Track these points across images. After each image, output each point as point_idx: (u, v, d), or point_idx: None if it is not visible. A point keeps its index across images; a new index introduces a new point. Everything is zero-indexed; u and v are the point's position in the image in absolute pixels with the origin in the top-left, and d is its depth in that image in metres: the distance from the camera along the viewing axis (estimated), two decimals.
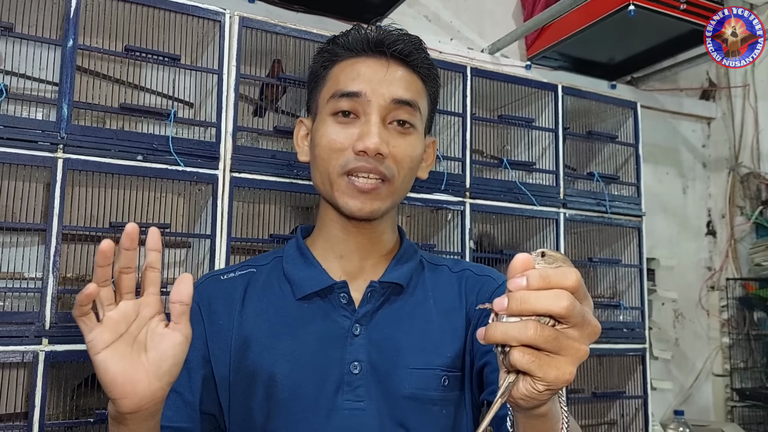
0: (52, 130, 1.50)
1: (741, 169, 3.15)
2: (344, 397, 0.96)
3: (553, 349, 0.60)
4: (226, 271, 1.08)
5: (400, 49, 1.01)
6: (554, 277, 0.60)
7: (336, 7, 2.19)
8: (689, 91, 3.20)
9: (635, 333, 2.25)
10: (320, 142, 1.02)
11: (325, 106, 1.03)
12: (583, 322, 0.61)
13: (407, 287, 1.05)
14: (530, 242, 2.19)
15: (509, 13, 2.68)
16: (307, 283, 1.02)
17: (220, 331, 1.00)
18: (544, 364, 0.60)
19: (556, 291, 0.59)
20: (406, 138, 1.02)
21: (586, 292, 0.63)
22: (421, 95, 1.05)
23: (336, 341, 0.98)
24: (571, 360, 0.61)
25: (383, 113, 1.00)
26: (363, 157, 0.98)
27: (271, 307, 1.02)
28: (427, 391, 0.98)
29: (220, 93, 1.69)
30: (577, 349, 0.61)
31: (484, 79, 2.09)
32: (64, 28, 1.55)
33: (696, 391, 3.01)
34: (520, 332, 0.59)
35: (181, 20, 1.71)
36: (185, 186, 1.69)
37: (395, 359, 0.98)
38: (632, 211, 2.30)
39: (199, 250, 1.71)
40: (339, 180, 1.00)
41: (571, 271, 0.61)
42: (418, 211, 2.03)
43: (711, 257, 3.17)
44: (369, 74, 1.01)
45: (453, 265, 1.12)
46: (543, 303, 0.59)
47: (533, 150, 2.21)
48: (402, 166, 1.02)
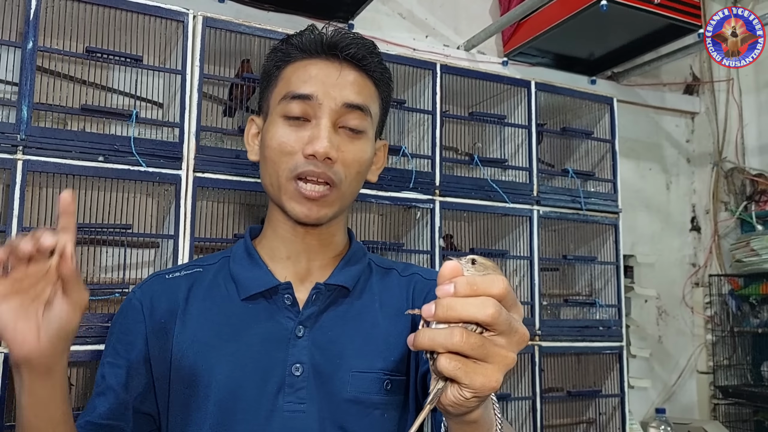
0: (12, 131, 1.50)
1: (725, 165, 3.13)
2: (285, 399, 0.96)
3: (479, 356, 0.61)
4: (172, 271, 1.08)
5: (353, 52, 1.01)
6: (481, 285, 0.61)
7: (307, 5, 2.18)
8: (672, 85, 3.18)
9: (611, 331, 2.24)
10: (270, 143, 1.02)
11: (276, 106, 1.03)
12: (510, 330, 0.62)
13: (354, 290, 1.05)
14: (504, 240, 2.18)
15: (486, 9, 2.67)
16: (252, 283, 1.02)
17: (161, 330, 1.00)
18: (470, 371, 0.61)
19: (482, 298, 0.60)
20: (355, 143, 1.02)
21: (515, 299, 0.64)
22: (373, 99, 1.06)
23: (279, 343, 0.98)
24: (498, 367, 0.62)
25: (334, 117, 1.00)
26: (312, 160, 0.98)
27: (215, 307, 1.02)
28: (369, 395, 0.98)
29: (183, 93, 1.69)
30: (504, 356, 0.62)
31: (457, 77, 2.08)
32: (24, 29, 1.55)
33: (679, 389, 2.99)
34: (446, 339, 0.60)
35: (145, 21, 1.70)
36: (153, 186, 1.69)
37: (338, 362, 0.98)
38: (608, 207, 2.29)
39: (164, 250, 1.71)
40: (287, 184, 1.00)
41: (499, 279, 0.62)
42: (390, 210, 2.02)
43: (695, 253, 3.16)
44: (321, 77, 1.01)
45: (402, 269, 1.12)
46: (469, 310, 0.60)
47: (507, 147, 2.20)
48: (351, 170, 1.02)
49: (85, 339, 1.49)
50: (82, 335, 1.49)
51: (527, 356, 2.05)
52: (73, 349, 1.47)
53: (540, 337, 2.07)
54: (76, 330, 0.78)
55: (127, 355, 1.00)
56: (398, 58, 1.96)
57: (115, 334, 1.02)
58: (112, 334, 1.03)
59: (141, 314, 1.02)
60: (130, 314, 1.03)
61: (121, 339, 1.01)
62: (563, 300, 2.27)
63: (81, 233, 1.59)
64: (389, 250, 1.90)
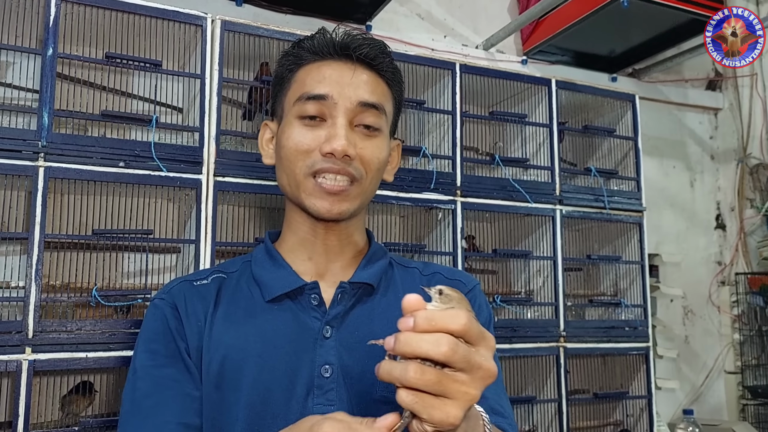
0: (33, 138, 1.50)
1: (750, 161, 3.08)
2: (315, 401, 0.94)
3: (437, 392, 0.61)
4: (197, 278, 1.07)
5: (366, 52, 1.01)
6: (440, 320, 0.61)
7: (325, 7, 2.18)
8: (695, 81, 3.13)
9: (638, 332, 2.20)
10: (286, 144, 1.01)
11: (291, 109, 1.03)
12: (470, 366, 0.61)
13: (378, 288, 1.04)
14: (527, 240, 2.16)
15: (504, 8, 2.64)
16: (277, 284, 1.01)
17: (195, 332, 0.99)
18: (428, 405, 0.61)
19: (437, 335, 0.60)
20: (372, 140, 1.02)
21: (480, 334, 0.63)
22: (387, 98, 1.06)
23: (306, 344, 0.97)
24: (459, 403, 0.62)
25: (350, 116, 1.00)
26: (330, 158, 0.97)
27: (240, 311, 1.01)
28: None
29: (203, 97, 1.68)
30: (464, 393, 0.62)
31: (477, 76, 2.06)
32: (44, 36, 1.55)
33: (707, 389, 2.94)
34: (401, 374, 0.61)
35: (164, 26, 1.70)
36: (173, 191, 1.68)
37: (366, 362, 0.97)
38: (632, 206, 2.26)
39: (186, 255, 1.70)
40: (305, 181, 1.00)
41: (460, 314, 0.61)
42: (412, 212, 2.00)
43: (721, 252, 3.10)
44: (335, 77, 1.00)
45: (423, 268, 1.12)
46: (422, 347, 0.60)
47: (528, 146, 2.18)
48: (370, 167, 1.02)
49: (109, 345, 1.49)
50: (106, 341, 1.49)
51: (552, 358, 2.02)
52: (96, 356, 1.48)
53: (565, 339, 2.04)
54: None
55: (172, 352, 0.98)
56: (417, 59, 1.94)
57: (149, 338, 0.99)
58: (143, 340, 0.99)
59: (176, 311, 1.00)
60: (163, 313, 0.99)
61: (158, 339, 0.98)
62: (588, 300, 2.24)
63: (102, 239, 1.59)
64: (411, 251, 1.89)
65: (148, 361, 0.96)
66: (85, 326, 1.49)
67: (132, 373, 0.97)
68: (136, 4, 1.63)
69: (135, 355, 0.98)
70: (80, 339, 1.47)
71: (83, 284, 1.60)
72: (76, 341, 1.47)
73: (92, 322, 1.50)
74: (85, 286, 1.59)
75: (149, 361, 0.96)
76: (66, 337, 1.46)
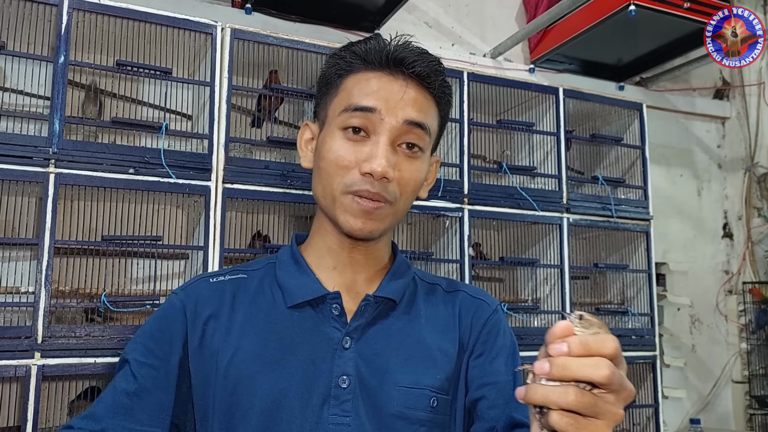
0: (44, 145, 1.52)
1: (757, 169, 3.07)
2: (330, 411, 0.93)
3: (590, 414, 0.63)
4: (216, 274, 1.06)
5: (419, 71, 0.98)
6: (594, 345, 0.64)
7: (333, 16, 2.19)
8: (702, 90, 3.13)
9: (645, 340, 2.20)
10: (327, 156, 0.99)
11: (335, 118, 1.00)
12: (620, 389, 0.64)
13: (400, 304, 1.03)
14: (534, 248, 2.16)
15: (512, 17, 2.65)
16: (300, 291, 1.00)
17: (203, 335, 0.99)
18: (581, 427, 0.64)
19: (596, 359, 0.63)
20: (413, 162, 1.00)
21: (622, 357, 0.66)
22: (433, 117, 1.02)
23: (325, 353, 0.96)
24: (608, 423, 0.64)
25: (394, 134, 0.97)
26: (368, 179, 0.96)
27: (260, 314, 1.00)
28: (415, 411, 0.95)
29: (212, 105, 1.70)
30: (614, 413, 0.65)
31: (485, 84, 2.06)
32: (56, 44, 1.56)
33: (714, 398, 2.93)
34: (560, 397, 0.63)
35: (174, 34, 1.72)
36: (183, 198, 1.70)
37: (383, 376, 0.96)
38: (640, 214, 2.26)
39: (194, 261, 1.71)
40: (342, 198, 0.98)
41: (610, 339, 0.64)
42: (419, 219, 2.01)
43: (728, 260, 3.09)
44: (384, 92, 0.97)
45: (447, 285, 1.10)
46: (584, 371, 0.62)
47: (536, 155, 2.18)
48: (406, 189, 0.99)
49: (117, 351, 1.50)
50: (114, 347, 1.50)
51: None
52: (104, 361, 1.49)
53: None
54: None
55: (164, 355, 0.97)
56: None
57: (149, 333, 0.98)
58: (144, 332, 0.99)
59: (183, 315, 0.99)
60: (170, 314, 0.99)
61: (156, 338, 0.97)
62: (595, 308, 2.24)
63: (112, 245, 1.60)
64: (418, 259, 1.89)
65: (141, 357, 0.95)
66: (94, 332, 1.50)
67: (122, 360, 0.96)
68: (147, 13, 1.65)
69: (132, 342, 0.98)
70: (89, 344, 1.48)
71: (92, 290, 1.61)
72: (85, 347, 1.48)
73: (101, 327, 1.51)
74: (94, 291, 1.60)
75: (141, 357, 0.95)
76: (75, 342, 1.47)
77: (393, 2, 2.15)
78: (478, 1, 2.60)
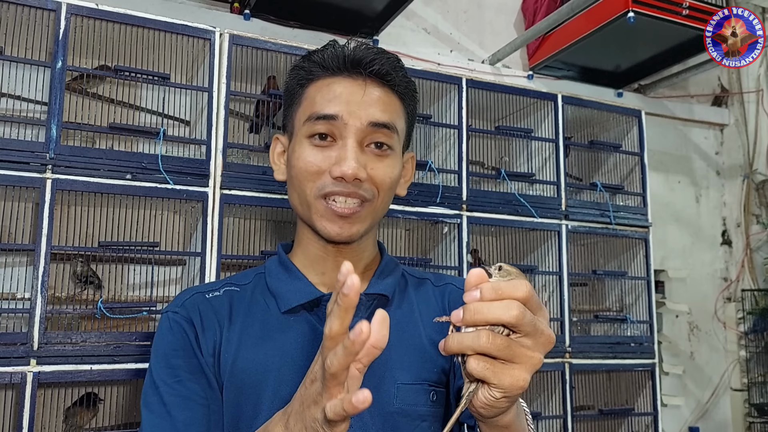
0: (41, 150, 1.51)
1: (756, 177, 3.08)
2: None
3: (506, 357, 0.64)
4: (209, 290, 1.05)
5: (377, 69, 0.99)
6: (506, 289, 0.64)
7: (333, 22, 2.19)
8: (700, 97, 3.13)
9: (644, 347, 2.19)
10: (296, 164, 1.00)
11: (301, 127, 1.01)
12: (535, 331, 0.65)
13: (392, 300, 1.03)
14: (532, 255, 2.15)
15: (510, 23, 2.65)
16: (293, 295, 1.00)
17: (209, 345, 0.98)
18: (498, 371, 0.64)
19: (506, 301, 0.64)
20: (383, 160, 1.00)
21: (539, 303, 0.67)
22: (399, 115, 1.03)
23: None
24: (525, 368, 0.65)
25: (360, 136, 0.97)
26: (341, 182, 0.96)
27: (256, 322, 1.00)
28: (415, 407, 0.95)
29: (210, 110, 1.69)
30: (530, 356, 0.65)
31: (483, 91, 2.06)
32: (54, 49, 1.56)
33: (713, 406, 2.92)
34: (473, 341, 0.64)
35: (172, 39, 1.71)
36: (180, 204, 1.69)
37: (383, 373, 0.96)
38: (638, 221, 2.25)
39: (192, 267, 1.70)
40: (316, 203, 0.98)
41: (522, 283, 0.65)
42: (417, 225, 2.00)
43: (727, 267, 3.09)
44: (346, 96, 0.98)
45: (435, 279, 1.11)
46: (494, 312, 0.63)
47: (534, 161, 2.18)
48: (382, 187, 1.00)
49: (113, 358, 1.49)
50: (111, 354, 1.49)
51: (558, 374, 2.01)
52: (101, 368, 1.48)
53: (570, 354, 2.03)
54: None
55: (192, 367, 0.96)
56: (424, 73, 1.95)
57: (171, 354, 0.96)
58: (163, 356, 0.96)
59: (191, 326, 0.98)
60: (180, 329, 0.98)
61: (178, 355, 0.95)
62: (593, 316, 2.23)
63: (108, 251, 1.60)
64: (416, 265, 1.88)
65: (169, 377, 0.93)
66: (90, 338, 1.49)
67: (152, 387, 0.94)
68: (145, 18, 1.65)
69: (152, 370, 0.95)
70: (85, 351, 1.47)
71: (89, 296, 1.60)
72: (81, 353, 1.47)
73: (97, 334, 1.50)
74: (91, 298, 1.59)
75: (170, 378, 0.93)
76: (71, 349, 1.46)
77: (392, 9, 2.15)
78: (476, 8, 2.60)
